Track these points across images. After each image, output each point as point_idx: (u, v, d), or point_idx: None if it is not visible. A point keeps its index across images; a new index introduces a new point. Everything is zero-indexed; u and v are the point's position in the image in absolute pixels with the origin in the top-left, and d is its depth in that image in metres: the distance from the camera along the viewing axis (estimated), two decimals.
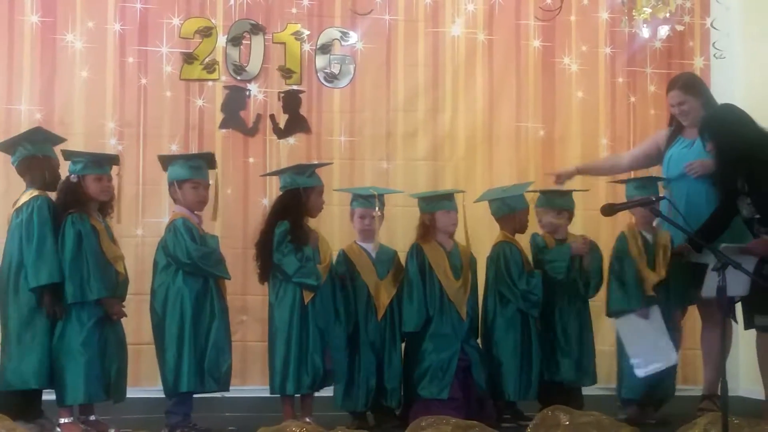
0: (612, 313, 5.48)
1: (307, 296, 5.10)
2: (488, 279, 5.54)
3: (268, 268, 5.17)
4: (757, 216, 5.01)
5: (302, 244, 5.11)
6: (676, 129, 5.80)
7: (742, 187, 5.04)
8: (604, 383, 5.85)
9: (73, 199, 4.98)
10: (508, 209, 5.57)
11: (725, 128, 5.10)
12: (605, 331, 5.98)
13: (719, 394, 4.83)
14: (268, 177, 6.33)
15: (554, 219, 5.60)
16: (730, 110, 5.28)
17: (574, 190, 5.78)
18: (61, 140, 5.29)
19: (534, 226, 5.76)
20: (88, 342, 4.88)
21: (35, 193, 5.01)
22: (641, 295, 5.36)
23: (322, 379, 5.14)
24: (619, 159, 6.35)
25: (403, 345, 5.44)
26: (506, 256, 5.48)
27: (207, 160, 5.33)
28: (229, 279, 5.23)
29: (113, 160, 5.32)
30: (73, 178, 5.03)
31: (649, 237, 5.49)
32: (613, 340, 5.67)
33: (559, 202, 5.63)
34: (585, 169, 6.26)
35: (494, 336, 5.46)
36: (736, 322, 5.31)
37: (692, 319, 5.85)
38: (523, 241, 5.68)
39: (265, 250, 5.15)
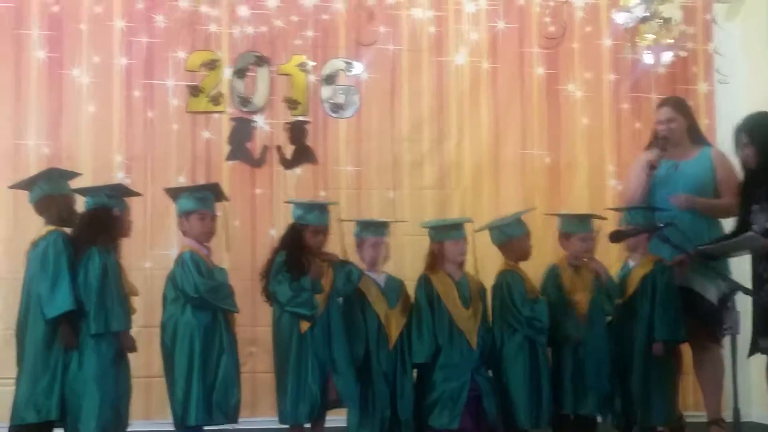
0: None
1: (304, 326, 5.11)
2: (494, 308, 5.52)
3: (269, 296, 5.23)
4: None
5: (298, 275, 5.13)
6: (660, 151, 5.74)
7: (764, 196, 5.08)
8: None
9: (112, 232, 5.06)
10: (505, 237, 5.56)
11: None
12: None
13: (724, 419, 4.81)
14: (275, 209, 6.46)
15: (580, 244, 5.57)
16: None
17: (594, 216, 5.72)
18: (75, 175, 5.35)
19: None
20: (106, 374, 4.90)
21: (51, 228, 5.08)
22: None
23: (321, 408, 5.13)
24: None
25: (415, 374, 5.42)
26: (509, 284, 5.46)
27: (213, 192, 5.35)
28: (238, 312, 5.23)
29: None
30: (117, 213, 5.10)
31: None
32: None
33: (581, 227, 5.60)
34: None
35: (503, 364, 5.43)
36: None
37: None
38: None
39: (266, 279, 5.22)
